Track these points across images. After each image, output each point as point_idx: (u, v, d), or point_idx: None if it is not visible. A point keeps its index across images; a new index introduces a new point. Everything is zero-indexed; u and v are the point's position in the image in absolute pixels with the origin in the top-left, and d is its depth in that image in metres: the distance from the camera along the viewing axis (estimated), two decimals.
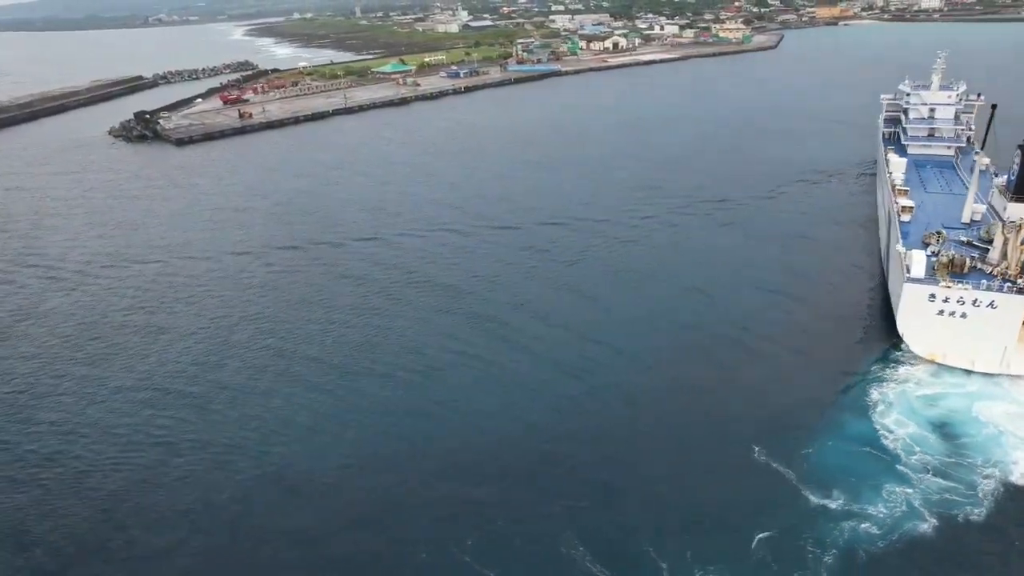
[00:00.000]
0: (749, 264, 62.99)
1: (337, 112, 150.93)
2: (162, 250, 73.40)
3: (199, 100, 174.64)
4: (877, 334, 49.97)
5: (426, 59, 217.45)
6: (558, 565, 30.93)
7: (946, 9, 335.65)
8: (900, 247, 48.19)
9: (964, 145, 79.16)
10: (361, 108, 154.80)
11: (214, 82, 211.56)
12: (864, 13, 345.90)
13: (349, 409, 42.99)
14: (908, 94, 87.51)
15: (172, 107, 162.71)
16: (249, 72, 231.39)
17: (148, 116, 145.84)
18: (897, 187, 60.52)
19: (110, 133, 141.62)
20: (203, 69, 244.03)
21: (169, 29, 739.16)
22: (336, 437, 40.40)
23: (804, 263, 63.29)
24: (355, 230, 76.46)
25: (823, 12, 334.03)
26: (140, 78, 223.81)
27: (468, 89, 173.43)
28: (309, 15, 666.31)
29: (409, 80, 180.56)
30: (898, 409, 40.66)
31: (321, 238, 74.43)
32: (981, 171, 71.72)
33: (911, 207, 55.17)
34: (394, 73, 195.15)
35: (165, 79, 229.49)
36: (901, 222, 53.45)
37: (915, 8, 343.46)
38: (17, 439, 41.65)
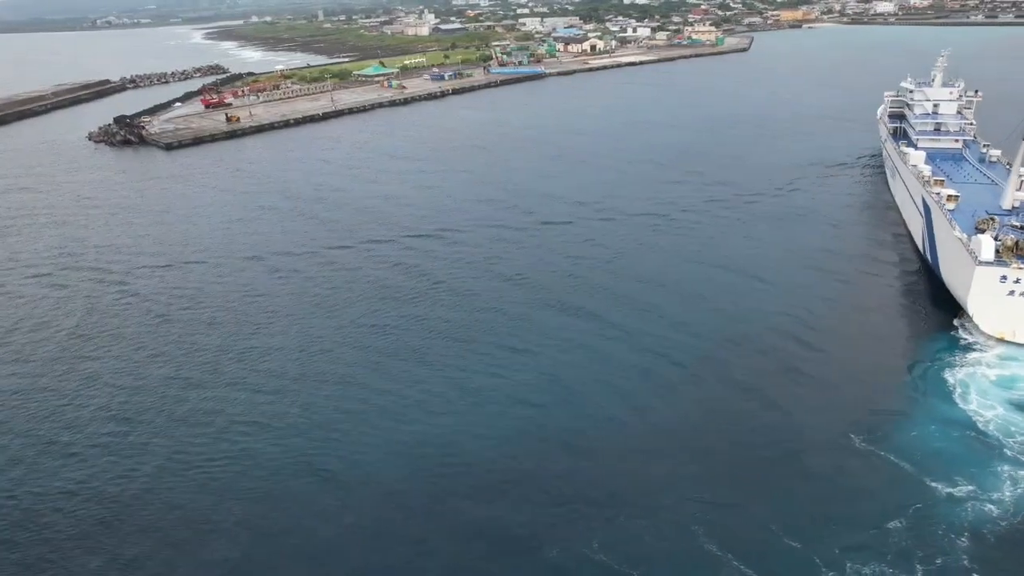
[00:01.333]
0: (785, 255, 64.11)
1: (327, 115, 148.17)
2: (204, 251, 71.48)
3: (178, 104, 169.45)
4: (933, 320, 51.32)
5: (405, 62, 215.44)
6: (697, 561, 30.78)
7: (900, 13, 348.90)
8: (960, 233, 49.93)
9: (970, 138, 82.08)
10: (351, 111, 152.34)
11: (186, 86, 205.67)
12: (825, 16, 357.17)
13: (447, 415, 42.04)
14: (911, 91, 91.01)
15: (151, 111, 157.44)
16: (223, 75, 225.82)
17: (130, 120, 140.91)
18: (934, 178, 62.54)
19: (90, 139, 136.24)
20: (172, 73, 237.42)
21: (120, 32, 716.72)
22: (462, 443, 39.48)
23: (836, 254, 64.64)
24: (398, 228, 75.65)
25: (787, 15, 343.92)
26: (107, 82, 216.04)
27: (456, 91, 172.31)
28: (268, 19, 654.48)
29: (394, 83, 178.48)
30: (977, 391, 41.72)
31: (364, 236, 73.34)
32: (991, 162, 75.64)
33: (956, 196, 56.99)
34: (377, 76, 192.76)
35: (133, 83, 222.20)
36: (949, 211, 55.09)
37: (872, 12, 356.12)
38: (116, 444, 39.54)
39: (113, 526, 34.31)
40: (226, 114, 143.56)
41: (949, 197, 56.87)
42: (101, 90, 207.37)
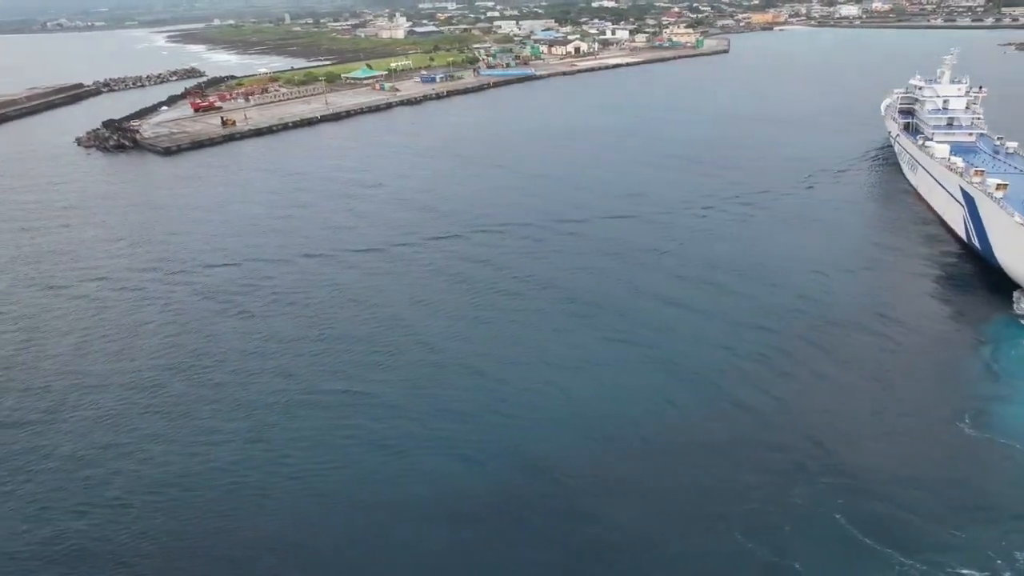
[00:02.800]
0: (828, 248, 65.31)
1: (325, 118, 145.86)
2: (233, 254, 69.60)
3: (164, 108, 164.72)
4: (994, 302, 52.93)
5: (392, 64, 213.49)
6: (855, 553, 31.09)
7: (864, 16, 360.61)
8: (1021, 219, 51.99)
9: (983, 132, 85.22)
10: (349, 114, 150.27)
11: (163, 90, 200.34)
12: (794, 20, 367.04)
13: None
14: (920, 87, 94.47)
15: (137, 115, 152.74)
16: (201, 79, 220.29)
17: (120, 125, 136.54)
18: (975, 169, 64.87)
19: (79, 143, 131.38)
20: (148, 76, 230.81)
21: (73, 35, 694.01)
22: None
23: (877, 244, 66.62)
24: (458, 223, 75.23)
25: (758, 18, 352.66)
26: (80, 86, 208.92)
27: (450, 93, 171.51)
28: (231, 22, 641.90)
29: (387, 85, 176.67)
30: None
31: (427, 232, 72.65)
32: (1009, 153, 78.87)
33: (1005, 184, 59.14)
34: (367, 78, 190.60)
35: (108, 87, 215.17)
36: (1000, 198, 57.19)
37: (837, 15, 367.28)
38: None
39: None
40: (222, 117, 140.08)
41: (999, 186, 58.97)
42: (76, 94, 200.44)
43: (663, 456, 37.75)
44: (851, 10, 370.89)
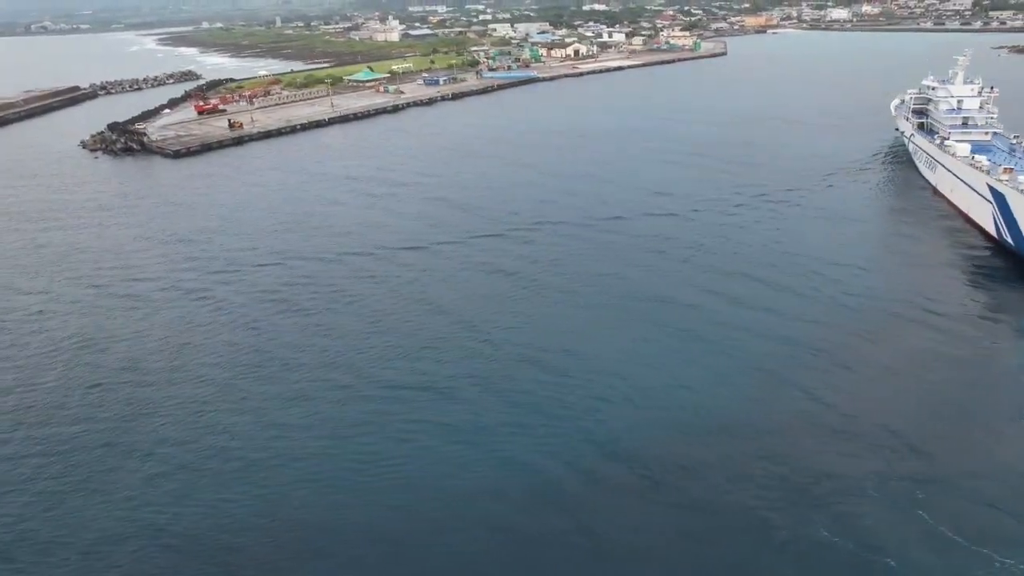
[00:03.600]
0: (855, 245, 66.21)
1: (333, 120, 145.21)
2: (273, 252, 69.11)
3: (167, 111, 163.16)
4: None
5: (393, 67, 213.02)
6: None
7: (855, 20, 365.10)
8: None
9: (998, 131, 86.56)
10: (356, 116, 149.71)
11: (160, 93, 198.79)
12: (786, 23, 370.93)
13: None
14: (934, 88, 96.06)
15: (140, 118, 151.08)
16: (199, 82, 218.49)
17: (125, 127, 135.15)
18: (1004, 167, 65.99)
19: (85, 147, 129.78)
20: (145, 79, 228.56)
21: (59, 38, 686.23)
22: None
23: (909, 238, 68.13)
24: (467, 226, 74.76)
25: (752, 21, 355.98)
26: (77, 88, 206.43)
27: (456, 96, 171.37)
28: (220, 25, 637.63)
29: (391, 88, 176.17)
30: None
31: (437, 237, 71.97)
32: None
33: None
34: (369, 81, 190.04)
35: (105, 90, 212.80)
36: None
37: (828, 19, 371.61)
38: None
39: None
40: (229, 120, 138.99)
41: None
42: (73, 97, 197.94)
43: (736, 443, 37.86)
44: (841, 13, 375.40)
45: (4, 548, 32.90)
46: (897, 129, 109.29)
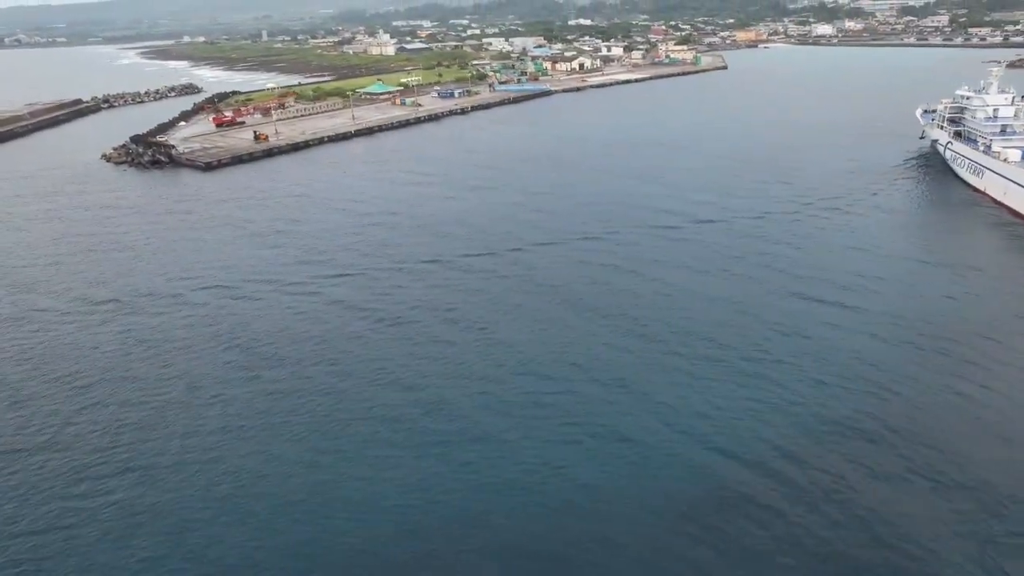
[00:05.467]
0: (928, 252, 67.64)
1: (359, 133, 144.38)
2: (345, 264, 67.86)
3: (182, 123, 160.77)
4: None
5: (402, 80, 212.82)
6: None
7: (841, 35, 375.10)
8: None
9: None
10: (381, 128, 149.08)
11: (162, 106, 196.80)
12: (775, 37, 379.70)
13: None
14: (968, 97, 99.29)
15: (159, 131, 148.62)
16: (205, 95, 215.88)
17: (150, 140, 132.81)
18: None
19: (109, 160, 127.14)
20: (147, 92, 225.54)
21: (37, 51, 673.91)
22: None
23: (977, 246, 69.98)
24: (534, 235, 74.68)
25: (742, 36, 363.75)
26: (80, 101, 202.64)
27: (474, 108, 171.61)
28: (202, 38, 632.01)
29: (408, 100, 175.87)
30: None
31: (510, 244, 71.89)
32: None
33: None
34: (383, 93, 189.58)
35: (108, 103, 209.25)
36: None
37: (814, 34, 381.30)
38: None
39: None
40: (255, 132, 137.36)
41: None
42: (78, 110, 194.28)
43: (846, 450, 37.59)
44: (827, 29, 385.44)
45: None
46: (922, 137, 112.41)
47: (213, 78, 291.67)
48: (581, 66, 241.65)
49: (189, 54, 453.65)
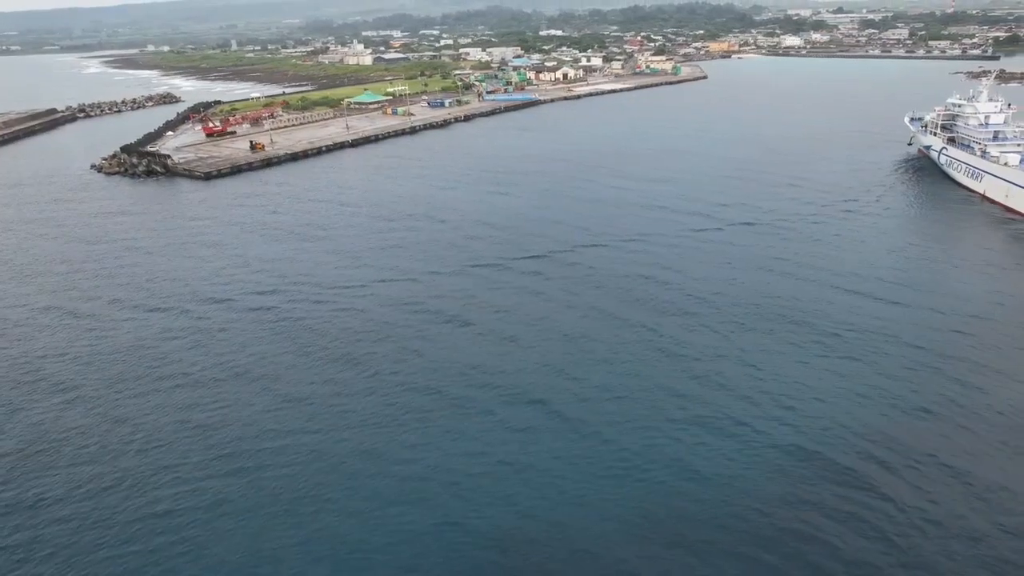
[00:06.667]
0: (949, 253, 70.70)
1: (357, 142, 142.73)
2: (395, 269, 66.74)
3: (169, 133, 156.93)
4: None
5: (388, 90, 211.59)
6: None
7: (808, 47, 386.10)
8: None
9: None
10: (378, 138, 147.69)
11: (141, 115, 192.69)
12: (746, 48, 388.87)
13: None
14: (960, 105, 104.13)
15: (146, 140, 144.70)
16: (187, 104, 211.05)
17: (143, 150, 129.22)
18: None
19: (100, 170, 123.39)
20: (124, 101, 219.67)
21: None
22: None
23: (991, 244, 72.82)
24: (572, 238, 75.66)
25: (715, 47, 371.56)
26: (54, 111, 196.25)
27: (468, 118, 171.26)
28: (166, 48, 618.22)
29: (400, 110, 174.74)
30: None
31: (549, 247, 72.60)
32: None
33: None
34: (373, 103, 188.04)
35: (84, 112, 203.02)
36: None
37: (783, 45, 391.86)
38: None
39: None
40: (251, 141, 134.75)
41: None
42: (53, 120, 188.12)
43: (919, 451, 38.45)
44: (795, 41, 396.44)
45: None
46: (910, 144, 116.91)
47: (189, 88, 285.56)
48: (565, 76, 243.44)
49: (157, 63, 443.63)
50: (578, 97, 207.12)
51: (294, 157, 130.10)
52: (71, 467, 38.77)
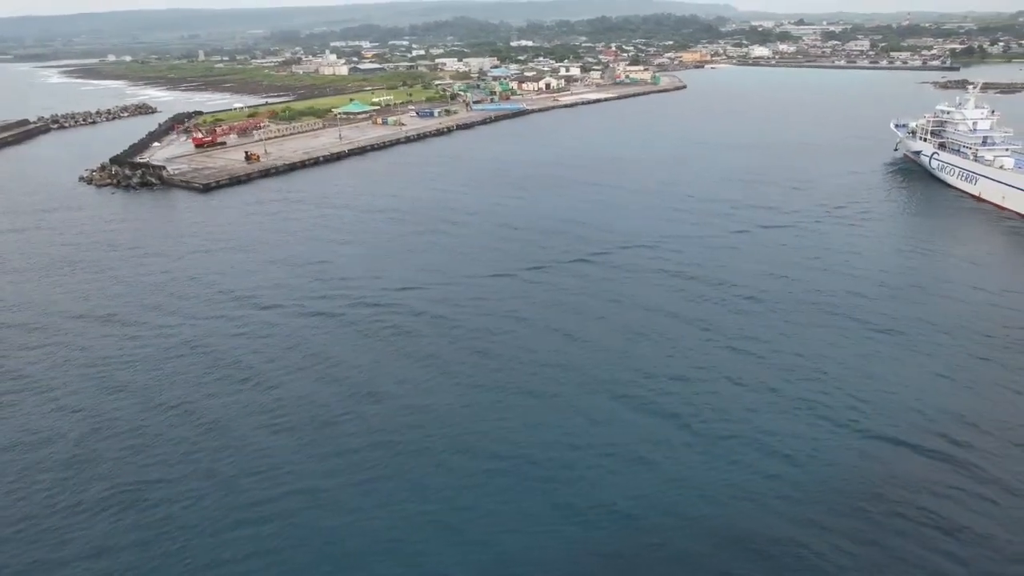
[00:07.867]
0: (962, 251, 73.54)
1: (353, 152, 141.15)
2: (423, 277, 65.81)
3: (156, 144, 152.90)
4: None
5: (374, 100, 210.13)
6: None
7: (776, 57, 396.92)
8: None
9: (1017, 148, 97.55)
10: (374, 148, 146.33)
11: (116, 126, 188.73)
12: (718, 58, 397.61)
13: None
14: (949, 112, 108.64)
15: (132, 152, 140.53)
16: (166, 115, 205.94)
17: (135, 161, 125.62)
18: None
19: (90, 182, 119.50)
20: (98, 112, 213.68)
21: None
22: None
23: (997, 244, 76.60)
24: (602, 243, 75.82)
25: (688, 57, 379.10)
26: (26, 122, 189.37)
27: (459, 127, 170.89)
28: (128, 58, 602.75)
29: (390, 119, 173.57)
30: None
31: (578, 252, 73.05)
32: None
33: None
34: (361, 113, 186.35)
35: (58, 123, 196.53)
36: None
37: (752, 55, 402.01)
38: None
39: None
40: (246, 152, 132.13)
41: None
42: (26, 131, 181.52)
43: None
44: (763, 51, 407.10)
45: None
46: (896, 149, 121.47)
47: (164, 98, 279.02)
48: (548, 86, 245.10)
49: (122, 74, 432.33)
50: (564, 106, 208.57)
51: (291, 168, 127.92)
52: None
